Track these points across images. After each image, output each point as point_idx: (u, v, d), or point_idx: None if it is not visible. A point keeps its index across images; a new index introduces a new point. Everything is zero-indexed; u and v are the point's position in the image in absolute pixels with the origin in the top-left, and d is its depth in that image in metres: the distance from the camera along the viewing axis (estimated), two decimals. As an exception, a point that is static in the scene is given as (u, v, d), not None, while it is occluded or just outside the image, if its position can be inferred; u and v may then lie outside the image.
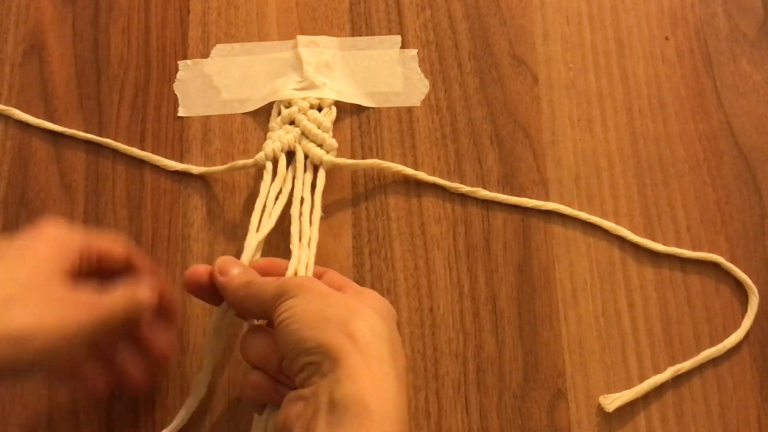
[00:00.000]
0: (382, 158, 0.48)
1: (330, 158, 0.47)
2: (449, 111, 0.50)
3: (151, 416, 0.43)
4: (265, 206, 0.45)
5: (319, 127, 0.48)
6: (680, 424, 0.44)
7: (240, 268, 0.39)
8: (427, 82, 0.50)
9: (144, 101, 0.50)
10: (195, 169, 0.48)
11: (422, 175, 0.48)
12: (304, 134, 0.48)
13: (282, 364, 0.36)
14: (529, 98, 0.50)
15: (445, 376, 0.44)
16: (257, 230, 0.43)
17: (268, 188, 0.45)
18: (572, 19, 0.52)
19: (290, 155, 0.47)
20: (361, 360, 0.33)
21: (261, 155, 0.46)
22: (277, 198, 0.45)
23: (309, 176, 0.46)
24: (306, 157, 0.47)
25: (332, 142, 0.47)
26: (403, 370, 0.35)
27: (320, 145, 0.47)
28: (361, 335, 0.33)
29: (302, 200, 0.45)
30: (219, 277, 0.39)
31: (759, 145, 0.49)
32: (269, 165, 0.46)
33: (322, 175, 0.46)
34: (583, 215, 0.47)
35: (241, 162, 0.47)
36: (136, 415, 0.43)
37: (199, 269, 0.40)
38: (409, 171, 0.48)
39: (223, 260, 0.40)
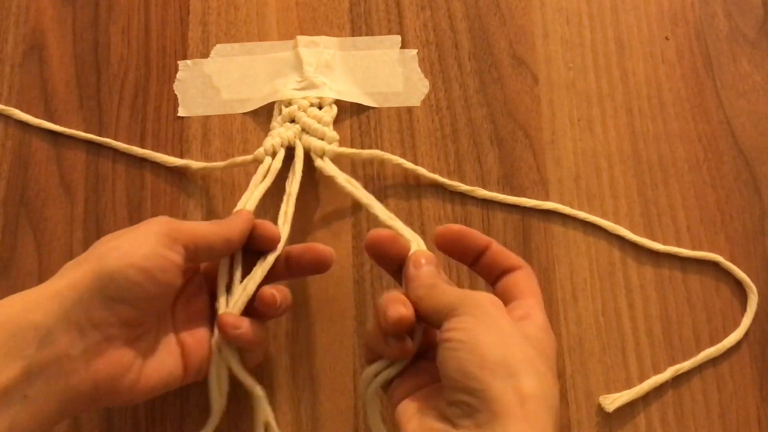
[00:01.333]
0: (383, 151, 0.48)
1: (333, 148, 0.47)
2: (449, 111, 0.50)
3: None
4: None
5: (319, 122, 0.47)
6: (680, 424, 0.44)
7: (432, 268, 0.38)
8: (427, 82, 0.50)
9: (144, 101, 0.50)
10: (194, 164, 0.48)
11: (422, 171, 0.48)
12: (304, 130, 0.48)
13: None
14: (529, 98, 0.50)
15: (445, 376, 0.44)
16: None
17: (257, 184, 0.45)
18: (572, 19, 0.52)
19: (290, 152, 0.47)
20: (524, 427, 0.30)
21: (260, 150, 0.46)
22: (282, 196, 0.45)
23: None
24: (306, 156, 0.47)
25: (333, 134, 0.47)
26: (557, 428, 0.32)
27: (321, 139, 0.47)
28: (532, 399, 0.31)
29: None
30: (411, 268, 0.38)
31: (759, 145, 0.49)
32: (267, 159, 0.46)
33: (331, 164, 0.46)
34: (582, 215, 0.47)
35: (240, 158, 0.47)
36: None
37: (383, 234, 0.39)
38: (409, 165, 0.48)
39: (420, 254, 0.39)
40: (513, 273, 0.39)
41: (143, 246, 0.36)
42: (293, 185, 0.45)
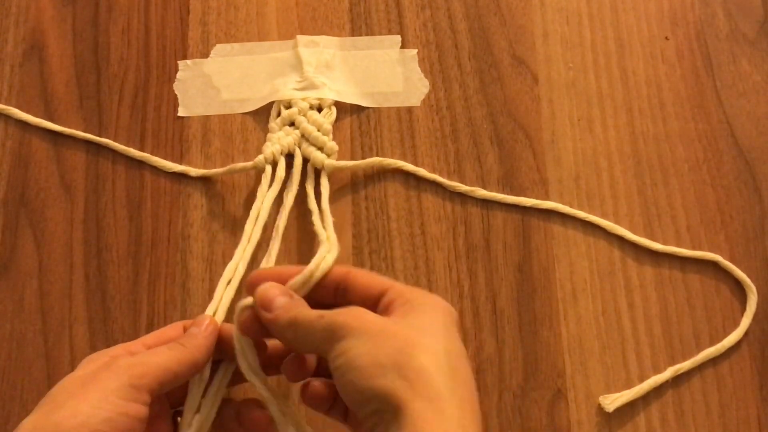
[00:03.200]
0: (383, 158, 0.48)
1: (332, 162, 0.47)
2: (449, 111, 0.50)
3: None
4: (259, 214, 0.45)
5: (319, 130, 0.48)
6: (680, 424, 0.44)
7: (284, 299, 0.36)
8: (427, 82, 0.50)
9: (144, 101, 0.50)
10: (193, 172, 0.48)
11: (422, 172, 0.48)
12: (303, 137, 0.48)
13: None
14: (529, 98, 0.50)
15: (445, 375, 0.44)
16: (249, 240, 0.44)
17: (264, 194, 0.45)
18: (572, 19, 0.52)
19: (290, 157, 0.47)
20: (422, 405, 0.31)
21: (260, 158, 0.46)
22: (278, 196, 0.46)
23: (310, 182, 0.47)
24: (306, 161, 0.47)
25: (333, 146, 0.47)
26: (471, 395, 0.33)
27: (320, 148, 0.47)
28: (418, 377, 0.31)
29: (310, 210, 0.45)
30: (264, 313, 0.36)
31: (759, 145, 0.49)
32: (268, 169, 0.46)
33: (326, 181, 0.46)
34: (581, 214, 0.47)
35: (240, 165, 0.47)
36: None
37: (261, 275, 0.37)
38: (410, 167, 0.48)
39: (265, 291, 0.36)
40: (349, 275, 0.38)
41: (103, 407, 0.33)
42: (289, 197, 0.46)
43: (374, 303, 0.37)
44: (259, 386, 0.37)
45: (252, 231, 0.44)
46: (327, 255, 0.38)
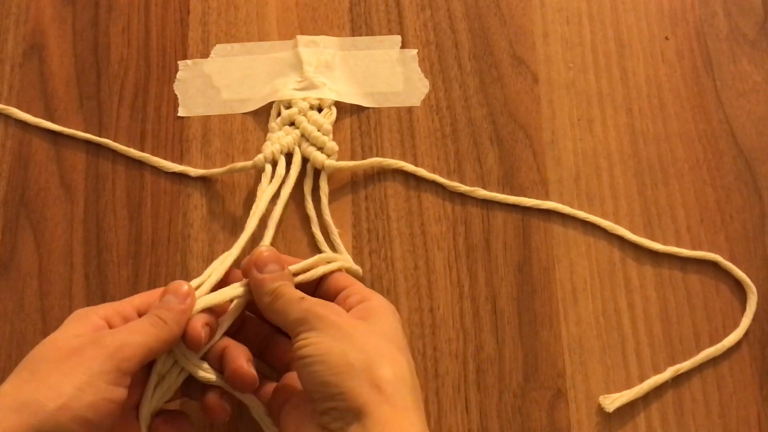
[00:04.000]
0: (382, 158, 0.48)
1: (332, 163, 0.47)
2: (449, 111, 0.50)
3: None
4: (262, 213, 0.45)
5: (319, 130, 0.48)
6: (680, 424, 0.44)
7: (276, 266, 0.38)
8: (427, 82, 0.50)
9: (144, 101, 0.50)
10: (193, 172, 0.48)
11: (422, 172, 0.48)
12: (303, 136, 0.48)
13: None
14: (529, 98, 0.50)
15: (445, 375, 0.44)
16: (251, 234, 0.44)
17: (263, 191, 0.45)
18: (572, 19, 0.52)
19: (289, 156, 0.47)
20: (388, 411, 0.32)
21: (260, 157, 0.46)
22: (276, 197, 0.46)
23: (307, 185, 0.47)
24: (306, 160, 0.47)
25: (332, 146, 0.47)
26: (421, 402, 0.35)
27: (320, 149, 0.47)
28: (387, 384, 0.33)
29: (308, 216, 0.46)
30: (254, 271, 0.38)
31: (759, 145, 0.49)
32: (268, 168, 0.46)
33: (325, 185, 0.46)
34: (581, 214, 0.47)
35: (239, 164, 0.47)
36: None
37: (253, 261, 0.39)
38: (410, 167, 0.48)
39: (261, 253, 0.38)
40: (327, 280, 0.41)
41: (88, 391, 0.33)
42: (285, 190, 0.46)
43: (334, 295, 0.40)
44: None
45: (253, 226, 0.44)
46: (339, 261, 0.42)
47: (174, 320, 0.37)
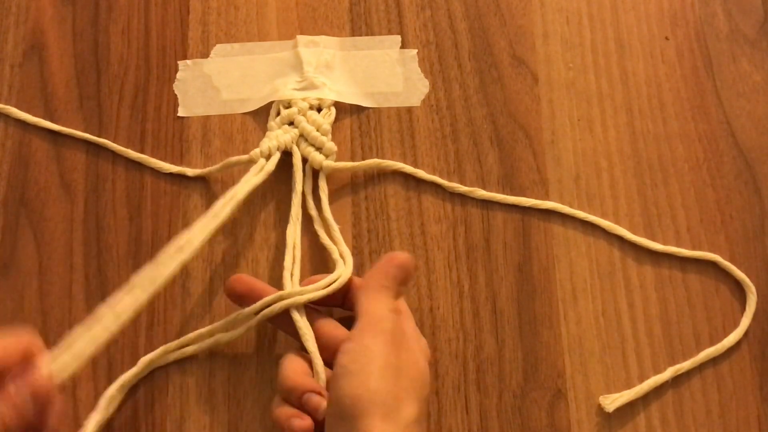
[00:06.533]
0: (382, 158, 0.48)
1: (330, 163, 0.47)
2: (449, 111, 0.50)
3: None
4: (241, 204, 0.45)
5: (318, 130, 0.47)
6: (680, 424, 0.44)
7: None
8: (427, 82, 0.50)
9: (144, 101, 0.50)
10: (190, 172, 0.48)
11: (421, 173, 0.48)
12: (302, 136, 0.48)
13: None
14: (529, 98, 0.50)
15: (445, 376, 0.44)
16: (215, 215, 0.43)
17: (247, 181, 0.45)
18: (572, 19, 0.52)
19: (287, 155, 0.47)
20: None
21: (256, 151, 0.46)
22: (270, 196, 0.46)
23: (308, 185, 0.47)
24: (305, 161, 0.47)
25: (331, 146, 0.47)
26: None
27: (319, 149, 0.47)
28: (409, 427, 0.35)
29: (311, 216, 0.46)
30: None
31: (759, 145, 0.49)
32: (262, 161, 0.46)
33: (324, 184, 0.46)
34: (581, 214, 0.47)
35: (235, 158, 0.47)
36: None
37: (238, 283, 0.42)
38: (409, 169, 0.48)
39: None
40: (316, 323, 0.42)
41: None
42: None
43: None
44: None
45: (221, 208, 0.43)
46: (343, 274, 0.42)
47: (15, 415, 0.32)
